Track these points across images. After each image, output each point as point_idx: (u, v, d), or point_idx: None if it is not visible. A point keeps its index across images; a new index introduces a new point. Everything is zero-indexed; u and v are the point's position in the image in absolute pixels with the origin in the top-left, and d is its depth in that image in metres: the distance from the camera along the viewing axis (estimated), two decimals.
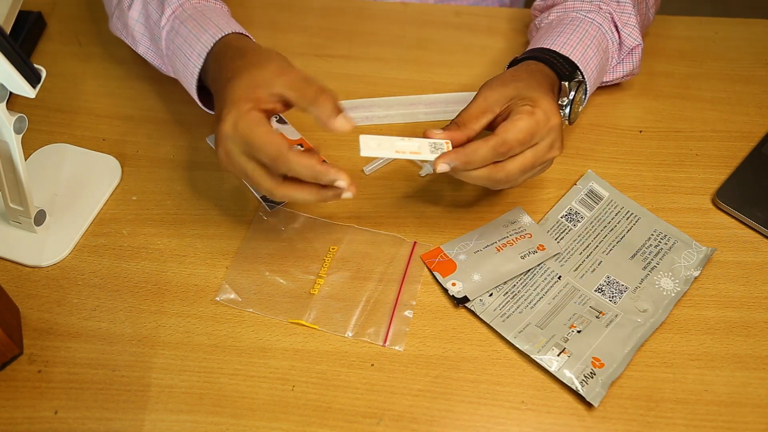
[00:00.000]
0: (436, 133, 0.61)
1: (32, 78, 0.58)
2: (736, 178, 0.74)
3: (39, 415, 0.58)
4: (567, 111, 0.69)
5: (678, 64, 0.86)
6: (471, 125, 0.62)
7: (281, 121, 0.77)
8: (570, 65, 0.69)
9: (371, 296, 0.65)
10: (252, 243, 0.69)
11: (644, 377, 0.61)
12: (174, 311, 0.64)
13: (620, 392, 0.60)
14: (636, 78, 0.82)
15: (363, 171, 0.74)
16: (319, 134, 0.77)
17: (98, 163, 0.74)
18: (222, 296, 0.65)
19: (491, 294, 0.65)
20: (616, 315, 0.64)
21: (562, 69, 0.68)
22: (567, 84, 0.68)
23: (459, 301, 0.64)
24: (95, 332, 0.63)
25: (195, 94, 0.68)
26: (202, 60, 0.65)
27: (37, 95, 0.59)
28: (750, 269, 0.68)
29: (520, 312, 0.64)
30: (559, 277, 0.66)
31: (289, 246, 0.68)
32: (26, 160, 0.65)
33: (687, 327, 0.64)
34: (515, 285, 0.66)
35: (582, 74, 0.69)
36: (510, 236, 0.69)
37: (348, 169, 0.74)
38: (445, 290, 0.65)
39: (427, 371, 0.61)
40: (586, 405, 0.59)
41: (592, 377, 0.60)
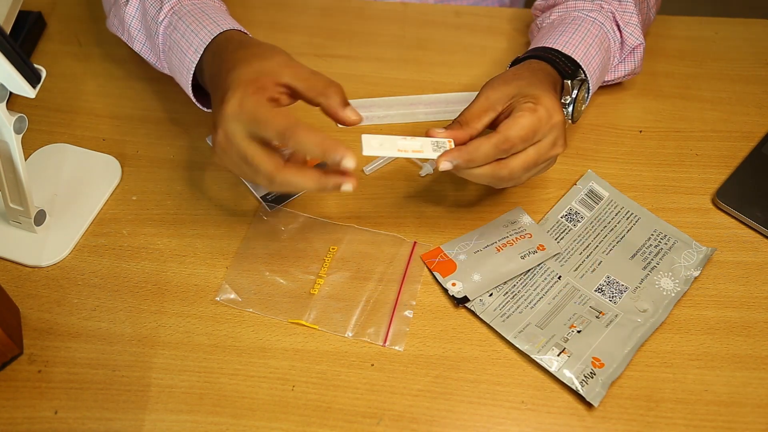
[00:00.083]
0: (439, 132, 0.61)
1: (32, 78, 0.58)
2: (736, 178, 0.74)
3: (39, 415, 0.58)
4: (570, 109, 0.69)
5: (678, 64, 0.86)
6: (473, 124, 0.62)
7: None
8: (572, 64, 0.69)
9: (371, 296, 0.65)
10: (252, 243, 0.69)
11: (644, 377, 0.61)
12: (174, 311, 0.64)
13: (620, 392, 0.60)
14: (636, 78, 0.82)
15: (363, 171, 0.74)
16: None
17: (98, 163, 0.74)
18: (222, 296, 0.65)
19: (491, 294, 0.65)
20: (616, 315, 0.64)
21: (565, 67, 0.68)
22: (569, 82, 0.68)
23: (459, 301, 0.64)
24: (95, 332, 0.63)
25: (189, 90, 0.68)
26: (199, 55, 0.64)
27: (37, 95, 0.59)
28: (750, 269, 0.68)
29: (520, 312, 0.64)
30: (559, 277, 0.66)
31: (289, 246, 0.68)
32: (26, 160, 0.65)
33: (687, 327, 0.64)
34: (515, 285, 0.66)
35: (584, 73, 0.69)
36: (510, 236, 0.69)
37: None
38: (445, 290, 0.65)
39: (427, 371, 0.61)
40: (586, 405, 0.59)
41: (592, 377, 0.60)
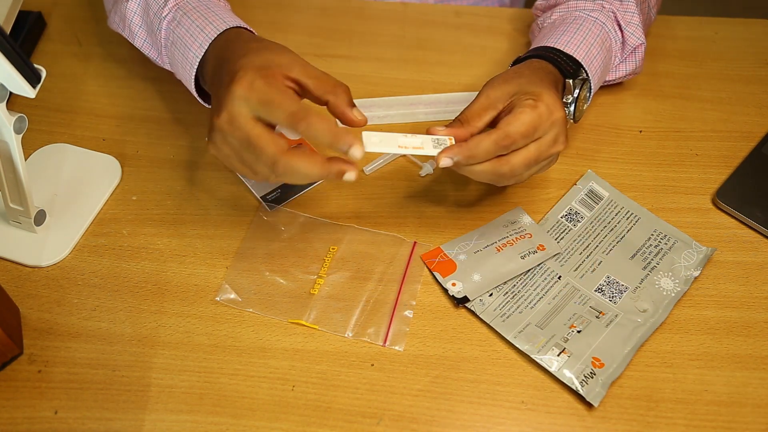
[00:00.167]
0: (440, 130, 0.61)
1: (32, 78, 0.58)
2: (736, 178, 0.74)
3: (39, 415, 0.58)
4: (572, 109, 0.69)
5: (678, 64, 0.86)
6: (474, 122, 0.62)
7: None
8: (574, 63, 0.69)
9: (371, 296, 0.65)
10: (252, 243, 0.69)
11: (644, 377, 0.61)
12: (174, 311, 0.64)
13: (620, 392, 0.60)
14: (636, 78, 0.82)
15: (363, 171, 0.74)
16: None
17: (98, 163, 0.74)
18: (222, 296, 0.65)
19: (491, 294, 0.65)
20: (616, 315, 0.64)
21: (566, 66, 0.68)
22: (571, 81, 0.68)
23: (459, 301, 0.64)
24: (95, 332, 0.63)
25: (192, 84, 0.67)
26: (203, 50, 0.64)
27: (37, 95, 0.59)
28: (750, 269, 0.68)
29: (520, 312, 0.64)
30: (559, 277, 0.66)
31: (289, 246, 0.68)
32: (26, 160, 0.65)
33: (687, 327, 0.64)
34: (515, 285, 0.66)
35: (586, 72, 0.69)
36: (510, 236, 0.69)
37: None
38: (445, 290, 0.65)
39: (427, 371, 0.61)
40: (586, 405, 0.59)
41: (592, 377, 0.60)
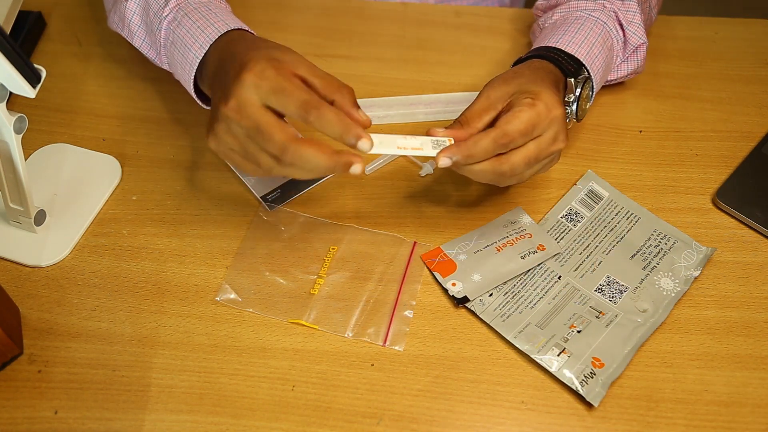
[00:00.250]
0: (439, 131, 0.61)
1: (32, 78, 0.58)
2: (736, 178, 0.74)
3: (39, 415, 0.58)
4: (574, 108, 0.69)
5: (678, 64, 0.86)
6: (474, 123, 0.62)
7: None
8: (575, 62, 0.69)
9: (371, 296, 0.65)
10: (252, 243, 0.69)
11: (644, 377, 0.61)
12: (174, 311, 0.64)
13: (620, 392, 0.60)
14: (636, 78, 0.82)
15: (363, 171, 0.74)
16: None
17: (98, 163, 0.74)
18: (222, 296, 0.65)
19: (491, 294, 0.65)
20: (616, 315, 0.64)
21: (567, 66, 0.68)
22: (573, 80, 0.68)
23: (459, 301, 0.64)
24: (95, 332, 0.63)
25: (191, 85, 0.67)
26: (204, 51, 0.64)
27: (37, 95, 0.59)
28: (750, 269, 0.68)
29: (520, 312, 0.64)
30: (559, 277, 0.66)
31: (289, 246, 0.68)
32: (26, 160, 0.65)
33: (687, 327, 0.64)
34: (515, 285, 0.66)
35: (588, 71, 0.69)
36: (510, 236, 0.69)
37: None
38: (445, 290, 0.65)
39: (427, 371, 0.61)
40: (586, 405, 0.59)
41: (592, 377, 0.60)
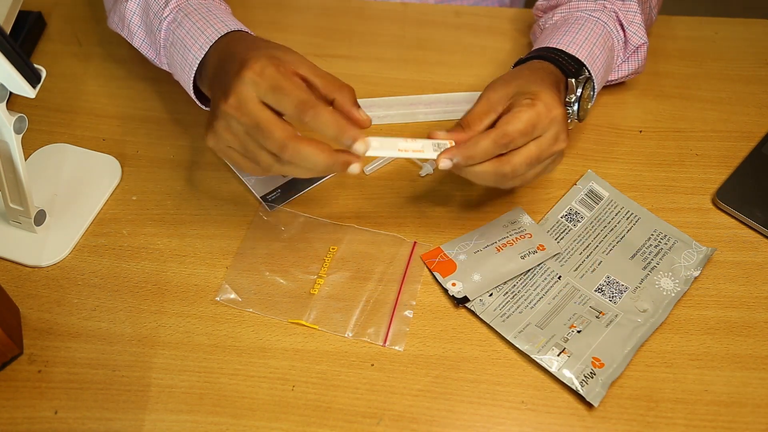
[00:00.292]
0: (440, 134, 0.61)
1: (32, 78, 0.58)
2: (736, 178, 0.74)
3: (39, 415, 0.58)
4: (576, 108, 0.69)
5: (678, 64, 0.86)
6: (475, 126, 0.61)
7: None
8: (575, 62, 0.69)
9: (371, 296, 0.65)
10: (252, 243, 0.69)
11: (644, 377, 0.61)
12: (174, 311, 0.64)
13: (620, 392, 0.60)
14: (636, 78, 0.82)
15: (363, 171, 0.74)
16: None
17: (98, 163, 0.74)
18: (222, 296, 0.65)
19: (491, 294, 0.65)
20: (616, 315, 0.64)
21: (568, 66, 0.68)
22: (573, 81, 0.68)
23: (459, 301, 0.64)
24: (95, 332, 0.63)
25: (190, 86, 0.67)
26: (204, 52, 0.64)
27: (37, 95, 0.59)
28: (750, 269, 0.68)
29: (520, 312, 0.64)
30: (559, 277, 0.66)
31: (289, 246, 0.68)
32: (26, 160, 0.65)
33: (687, 327, 0.64)
34: (515, 285, 0.66)
35: (589, 71, 0.69)
36: (510, 236, 0.69)
37: None
38: (445, 290, 0.65)
39: (427, 371, 0.61)
40: (586, 405, 0.59)
41: (592, 377, 0.60)
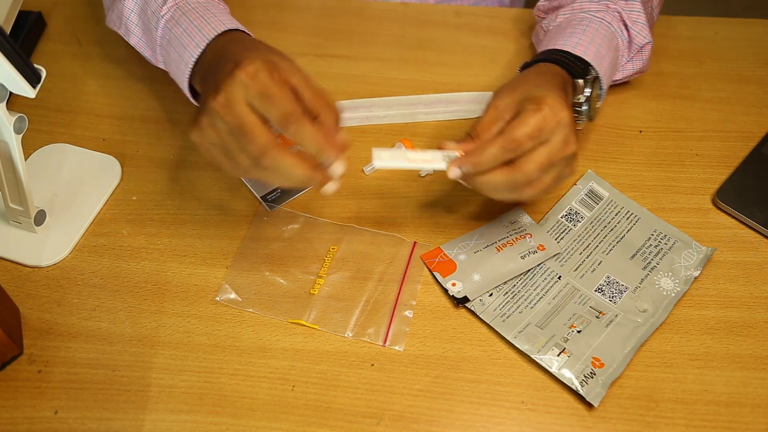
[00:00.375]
0: (450, 145, 0.61)
1: (32, 78, 0.58)
2: (736, 178, 0.74)
3: (39, 415, 0.58)
4: (586, 108, 0.68)
5: (678, 64, 0.86)
6: (483, 135, 0.61)
7: None
8: (582, 63, 0.69)
9: (371, 296, 0.65)
10: (252, 243, 0.69)
11: (644, 377, 0.61)
12: (174, 311, 0.64)
13: (620, 392, 0.60)
14: (636, 78, 0.82)
15: (363, 171, 0.74)
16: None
17: (98, 163, 0.74)
18: (222, 296, 0.65)
19: (491, 294, 0.65)
20: (616, 315, 0.64)
21: (574, 67, 0.68)
22: (581, 81, 0.67)
23: (459, 301, 0.64)
24: (95, 332, 0.63)
25: (186, 84, 0.67)
26: (200, 50, 0.64)
27: (37, 95, 0.59)
28: (750, 269, 0.68)
29: (520, 312, 0.64)
30: (559, 277, 0.66)
31: (289, 246, 0.68)
32: (26, 160, 0.65)
33: (687, 327, 0.64)
34: (515, 285, 0.66)
35: (595, 71, 0.69)
36: (510, 236, 0.69)
37: (348, 169, 0.74)
38: (445, 290, 0.65)
39: (427, 371, 0.61)
40: (586, 405, 0.59)
41: (592, 377, 0.60)
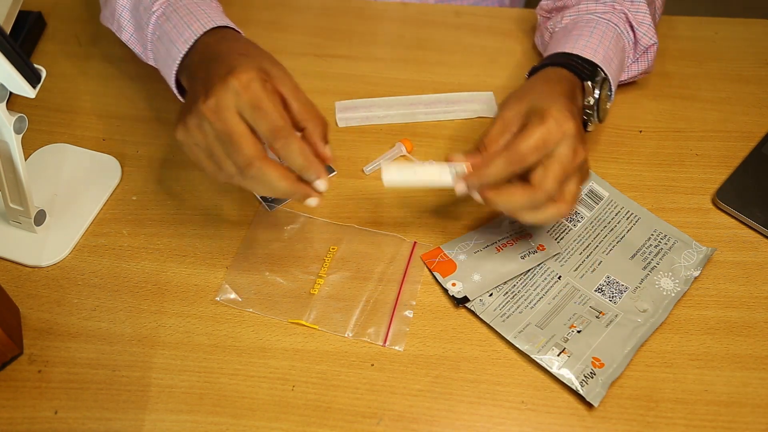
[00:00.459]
0: (458, 157, 0.61)
1: (32, 78, 0.58)
2: (736, 178, 0.74)
3: (39, 415, 0.58)
4: (595, 110, 0.68)
5: (678, 64, 0.86)
6: (491, 148, 0.61)
7: None
8: (589, 65, 0.69)
9: (371, 296, 0.65)
10: (252, 243, 0.69)
11: (644, 377, 0.61)
12: (174, 311, 0.64)
13: (620, 392, 0.60)
14: (637, 78, 0.83)
15: (363, 171, 0.74)
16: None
17: (98, 163, 0.74)
18: (222, 296, 0.65)
19: (491, 294, 0.65)
20: (616, 315, 0.64)
21: (583, 69, 0.68)
22: (590, 83, 0.67)
23: (459, 301, 0.64)
24: (95, 332, 0.63)
25: (173, 80, 0.66)
26: (188, 46, 0.63)
27: (37, 95, 0.59)
28: (750, 269, 0.68)
29: (520, 312, 0.64)
30: (559, 277, 0.66)
31: (289, 246, 0.68)
32: (26, 160, 0.65)
33: (687, 327, 0.64)
34: (515, 285, 0.66)
35: (604, 72, 0.69)
36: (510, 236, 0.69)
37: (348, 169, 0.75)
38: (445, 290, 0.65)
39: (427, 371, 0.61)
40: (586, 405, 0.59)
41: (592, 377, 0.60)
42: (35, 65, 0.58)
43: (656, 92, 0.83)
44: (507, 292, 0.65)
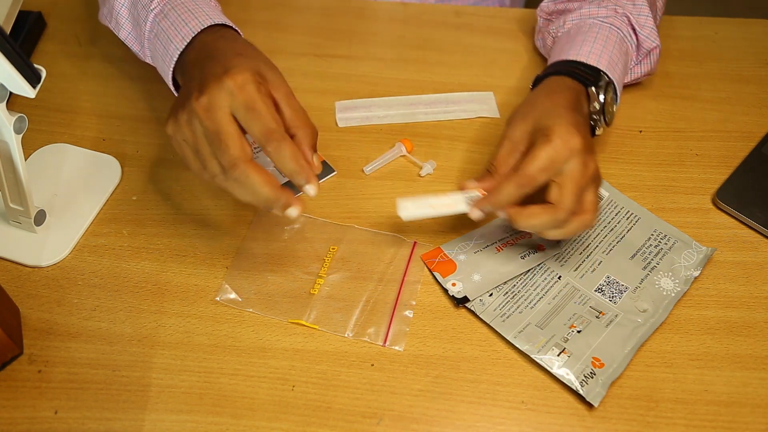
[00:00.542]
0: (470, 184, 0.63)
1: (32, 78, 0.58)
2: (736, 178, 0.74)
3: (39, 415, 0.58)
4: (602, 114, 0.69)
5: (678, 64, 0.86)
6: (501, 170, 0.63)
7: None
8: (592, 70, 0.69)
9: (371, 296, 0.65)
10: (252, 243, 0.69)
11: (644, 377, 0.61)
12: (174, 311, 0.64)
13: (620, 392, 0.60)
14: None
15: (363, 171, 0.74)
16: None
17: (98, 163, 0.74)
18: (222, 296, 0.65)
19: (491, 294, 0.65)
20: (616, 315, 0.64)
21: (586, 76, 0.68)
22: (594, 89, 0.67)
23: (459, 301, 0.64)
24: (95, 332, 0.63)
25: (169, 77, 0.66)
26: (185, 43, 0.63)
27: (37, 95, 0.59)
28: (750, 269, 0.68)
29: (520, 312, 0.64)
30: (559, 277, 0.66)
31: (289, 246, 0.68)
32: (26, 160, 0.65)
33: (687, 327, 0.64)
34: (515, 285, 0.66)
35: (608, 77, 0.69)
36: (510, 236, 0.69)
37: (348, 169, 0.75)
38: (445, 290, 0.65)
39: (427, 371, 0.61)
40: (586, 405, 0.59)
41: (592, 377, 0.60)
42: (35, 65, 0.58)
43: (656, 92, 0.83)
44: (507, 292, 0.65)
